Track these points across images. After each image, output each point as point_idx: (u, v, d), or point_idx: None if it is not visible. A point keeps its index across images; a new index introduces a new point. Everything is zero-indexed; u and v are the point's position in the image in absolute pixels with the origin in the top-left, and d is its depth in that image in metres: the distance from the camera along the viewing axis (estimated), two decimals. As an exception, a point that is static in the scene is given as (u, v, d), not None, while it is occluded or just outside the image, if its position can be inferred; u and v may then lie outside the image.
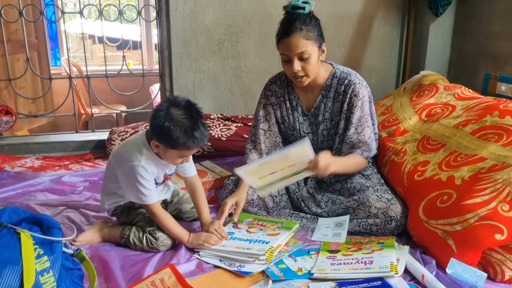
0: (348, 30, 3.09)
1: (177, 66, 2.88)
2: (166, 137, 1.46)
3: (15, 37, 3.19)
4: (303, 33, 1.63)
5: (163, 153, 1.53)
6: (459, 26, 2.99)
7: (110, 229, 1.64)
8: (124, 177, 1.56)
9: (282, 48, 1.69)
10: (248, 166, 1.61)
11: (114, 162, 1.59)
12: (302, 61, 1.67)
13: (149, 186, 1.53)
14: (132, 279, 1.39)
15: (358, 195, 1.75)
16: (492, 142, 1.59)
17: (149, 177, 1.54)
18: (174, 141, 1.46)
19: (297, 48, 1.64)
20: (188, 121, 1.47)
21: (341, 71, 1.82)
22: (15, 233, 1.18)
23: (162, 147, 1.51)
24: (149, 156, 1.54)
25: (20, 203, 1.91)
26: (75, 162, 2.57)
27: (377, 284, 1.26)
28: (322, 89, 1.83)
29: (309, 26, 1.65)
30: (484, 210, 1.37)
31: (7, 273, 1.09)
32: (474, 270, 1.35)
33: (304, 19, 1.64)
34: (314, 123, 1.89)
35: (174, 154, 1.52)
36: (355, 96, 1.77)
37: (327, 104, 1.84)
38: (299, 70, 1.68)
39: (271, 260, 1.45)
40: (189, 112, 1.49)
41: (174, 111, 1.47)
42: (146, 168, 1.52)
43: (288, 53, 1.67)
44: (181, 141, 1.46)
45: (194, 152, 1.57)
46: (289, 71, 1.72)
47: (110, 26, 4.78)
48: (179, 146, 1.48)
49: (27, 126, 3.48)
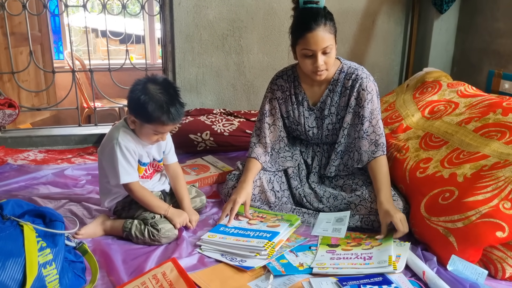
0: (351, 26, 3.09)
1: (180, 61, 2.88)
2: (141, 111, 1.49)
3: (19, 30, 3.18)
4: (327, 28, 1.64)
5: (139, 129, 1.56)
6: (463, 23, 2.98)
7: (112, 223, 1.64)
8: (107, 161, 1.58)
9: (305, 44, 1.66)
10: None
11: (99, 153, 1.63)
12: (325, 55, 1.68)
13: (127, 164, 1.55)
14: (134, 272, 1.39)
15: (360, 191, 1.76)
16: (495, 140, 1.59)
17: (128, 154, 1.55)
18: (149, 115, 1.49)
19: (323, 43, 1.64)
20: (165, 96, 1.50)
21: (348, 66, 1.83)
22: (18, 225, 1.18)
23: (138, 123, 1.54)
24: (126, 133, 1.57)
25: (23, 196, 1.92)
26: (77, 156, 2.57)
27: (378, 280, 1.26)
28: (330, 84, 1.83)
29: (331, 21, 1.66)
30: (486, 207, 1.37)
31: (10, 265, 1.10)
32: (475, 267, 1.36)
33: (324, 14, 1.65)
34: (320, 117, 1.89)
35: (149, 130, 1.55)
36: (363, 90, 1.77)
37: (333, 99, 1.84)
38: (322, 65, 1.68)
39: (273, 255, 1.46)
40: (166, 89, 1.52)
41: (151, 86, 1.50)
42: (124, 144, 1.54)
43: (313, 48, 1.65)
44: (156, 116, 1.49)
45: (169, 129, 1.59)
46: (310, 67, 1.70)
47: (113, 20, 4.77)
48: (154, 121, 1.51)
49: (30, 119, 3.48)
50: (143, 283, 1.30)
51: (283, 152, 1.95)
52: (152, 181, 1.72)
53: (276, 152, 1.94)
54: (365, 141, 1.80)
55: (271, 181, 1.88)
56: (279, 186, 1.89)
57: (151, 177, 1.72)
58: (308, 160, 1.98)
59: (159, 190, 1.75)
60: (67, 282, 1.21)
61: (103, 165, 1.62)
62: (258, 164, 1.87)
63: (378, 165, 1.76)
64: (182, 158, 2.45)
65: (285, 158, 1.94)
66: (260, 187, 1.84)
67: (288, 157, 1.94)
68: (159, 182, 1.76)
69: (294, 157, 1.96)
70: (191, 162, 2.32)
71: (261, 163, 1.87)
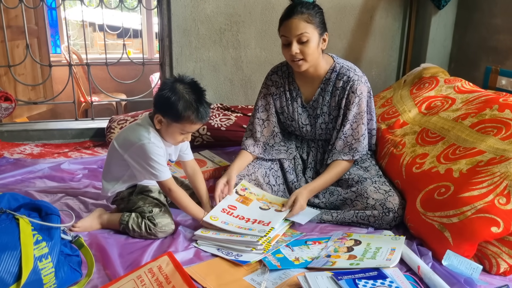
0: (349, 21, 3.08)
1: (178, 55, 2.87)
2: (170, 109, 1.51)
3: (15, 23, 3.17)
4: (304, 16, 1.65)
5: (165, 129, 1.57)
6: (461, 19, 2.98)
7: (109, 216, 1.64)
8: (135, 158, 1.57)
9: (282, 31, 1.71)
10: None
11: (120, 147, 1.60)
12: (301, 44, 1.68)
13: (162, 162, 1.56)
14: (129, 266, 1.39)
15: (356, 187, 1.76)
16: (491, 136, 1.59)
17: (160, 153, 1.56)
18: (179, 113, 1.50)
19: (297, 30, 1.66)
20: (193, 95, 1.52)
21: (341, 65, 1.82)
22: (14, 219, 1.19)
23: (165, 122, 1.55)
24: (156, 133, 1.58)
25: (19, 189, 1.92)
26: (74, 150, 2.57)
27: (373, 274, 1.27)
28: (322, 82, 1.83)
29: (311, 11, 1.67)
30: (481, 203, 1.38)
31: (5, 258, 1.10)
32: (469, 262, 1.36)
33: (307, 5, 1.68)
34: (313, 115, 1.89)
35: (176, 129, 1.56)
36: (353, 93, 1.78)
37: (325, 98, 1.84)
38: (297, 53, 1.68)
39: (269, 249, 1.46)
40: (194, 88, 1.54)
41: (179, 86, 1.52)
42: (157, 144, 1.55)
43: (287, 35, 1.68)
44: (185, 114, 1.50)
45: (196, 128, 1.60)
46: (287, 55, 1.73)
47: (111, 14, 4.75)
48: (183, 120, 1.52)
49: (26, 113, 3.47)
50: (138, 276, 1.30)
51: (277, 147, 1.95)
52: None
53: (270, 147, 1.94)
54: (341, 141, 1.83)
55: (267, 175, 1.88)
56: (275, 180, 1.90)
57: None
58: (303, 155, 1.99)
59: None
60: (63, 276, 1.21)
61: (126, 159, 1.59)
62: (246, 154, 1.90)
63: (336, 165, 1.82)
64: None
65: (279, 151, 1.95)
66: (256, 181, 1.84)
67: (282, 150, 1.95)
68: None
69: (289, 151, 1.96)
70: (188, 157, 2.32)
71: (250, 152, 1.90)
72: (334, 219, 1.72)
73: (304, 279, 1.24)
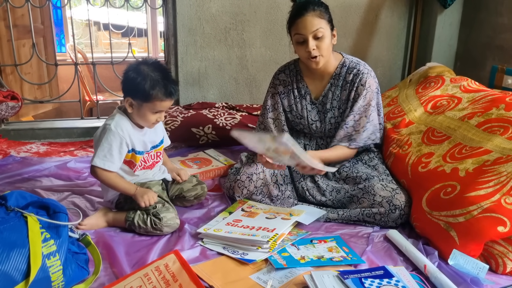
0: (354, 20, 3.08)
1: (183, 54, 2.88)
2: (138, 90, 1.53)
3: (21, 23, 3.18)
4: (316, 13, 1.70)
5: (136, 111, 1.59)
6: (467, 18, 2.97)
7: (114, 214, 1.65)
8: (95, 145, 1.61)
9: (296, 29, 1.72)
10: None
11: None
12: (317, 40, 1.71)
13: (108, 149, 1.57)
14: (136, 264, 1.40)
15: (364, 184, 1.76)
16: (497, 135, 1.59)
17: (115, 141, 1.57)
18: (147, 93, 1.53)
19: (312, 26, 1.68)
20: (158, 74, 1.55)
21: (350, 60, 1.86)
22: (22, 216, 1.19)
23: (135, 104, 1.57)
24: (121, 119, 1.61)
25: (26, 188, 1.93)
26: (80, 149, 2.58)
27: (380, 273, 1.27)
28: (331, 78, 1.85)
29: (322, 8, 1.72)
30: (488, 202, 1.38)
31: (14, 255, 1.11)
32: (476, 262, 1.36)
33: (316, 2, 1.72)
34: (322, 111, 1.90)
35: (148, 110, 1.57)
36: (362, 86, 1.80)
37: (335, 93, 1.85)
38: (315, 50, 1.71)
39: (274, 248, 1.47)
40: (158, 67, 1.57)
41: (144, 67, 1.56)
42: (115, 131, 1.57)
43: (303, 32, 1.70)
44: (153, 92, 1.53)
45: (167, 106, 1.61)
46: (303, 52, 1.74)
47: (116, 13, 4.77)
48: (152, 98, 1.54)
49: (32, 112, 3.48)
50: (145, 274, 1.30)
51: None
52: (152, 171, 1.75)
53: None
54: (342, 131, 1.84)
55: (275, 174, 1.88)
56: (283, 179, 1.90)
57: (152, 168, 1.74)
58: (312, 153, 1.99)
59: (160, 179, 1.77)
60: (71, 273, 1.22)
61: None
62: None
63: (336, 148, 1.84)
64: (184, 151, 2.46)
65: None
66: (263, 180, 1.84)
67: None
68: (160, 171, 1.79)
69: None
70: (193, 156, 2.33)
71: None
72: (340, 218, 1.71)
73: (310, 278, 1.24)
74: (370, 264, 1.42)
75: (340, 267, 1.38)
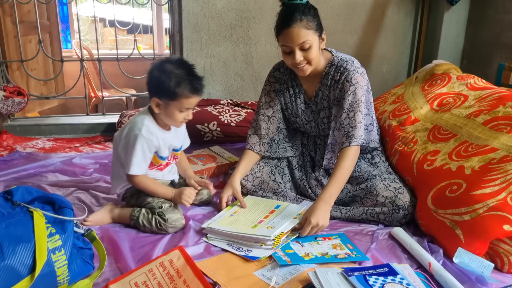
0: (360, 17, 3.06)
1: (188, 51, 2.88)
2: (164, 89, 1.50)
3: (27, 19, 3.19)
4: (303, 23, 1.60)
5: (164, 111, 1.56)
6: (474, 15, 2.95)
7: (120, 211, 1.66)
8: (124, 147, 1.58)
9: (282, 40, 1.66)
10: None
11: (117, 138, 1.63)
12: (304, 51, 1.65)
13: (142, 157, 1.56)
14: (141, 260, 1.41)
15: (366, 184, 1.75)
16: (504, 133, 1.58)
17: (147, 148, 1.56)
18: (172, 91, 1.50)
19: (299, 39, 1.62)
20: (182, 71, 1.52)
21: (339, 58, 1.79)
22: (28, 211, 1.20)
23: (162, 104, 1.54)
24: (151, 124, 1.58)
25: (32, 183, 1.94)
26: (85, 145, 2.59)
27: (384, 270, 1.27)
28: (321, 77, 1.82)
29: (309, 16, 1.62)
30: (494, 200, 1.37)
31: (20, 250, 1.12)
32: (481, 260, 1.35)
33: (303, 9, 1.62)
34: (315, 111, 1.89)
35: (175, 108, 1.55)
36: (347, 82, 1.74)
37: (324, 92, 1.83)
38: (302, 60, 1.66)
39: (278, 245, 1.47)
40: (182, 64, 1.54)
41: (167, 65, 1.53)
42: (147, 137, 1.55)
43: (289, 44, 1.64)
44: (179, 90, 1.50)
45: (194, 103, 1.58)
46: (290, 62, 1.69)
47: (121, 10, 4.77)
48: (178, 96, 1.51)
49: (38, 107, 3.50)
50: (150, 270, 1.31)
51: (282, 143, 1.95)
52: (163, 172, 1.73)
53: (276, 144, 1.94)
54: (339, 132, 1.78)
55: (273, 173, 1.88)
56: (281, 177, 1.90)
57: (163, 169, 1.73)
58: (311, 153, 1.99)
59: (169, 180, 1.76)
60: (76, 268, 1.23)
61: (119, 150, 1.62)
62: (252, 154, 1.89)
63: (341, 156, 1.72)
64: (189, 148, 2.43)
65: (285, 148, 1.95)
66: (260, 178, 1.85)
67: (288, 147, 1.95)
68: (170, 172, 1.77)
69: (295, 147, 1.96)
70: (198, 152, 2.33)
71: (256, 152, 1.89)
72: (343, 216, 1.71)
73: (314, 275, 1.24)
74: (375, 262, 1.41)
75: (344, 264, 1.38)
